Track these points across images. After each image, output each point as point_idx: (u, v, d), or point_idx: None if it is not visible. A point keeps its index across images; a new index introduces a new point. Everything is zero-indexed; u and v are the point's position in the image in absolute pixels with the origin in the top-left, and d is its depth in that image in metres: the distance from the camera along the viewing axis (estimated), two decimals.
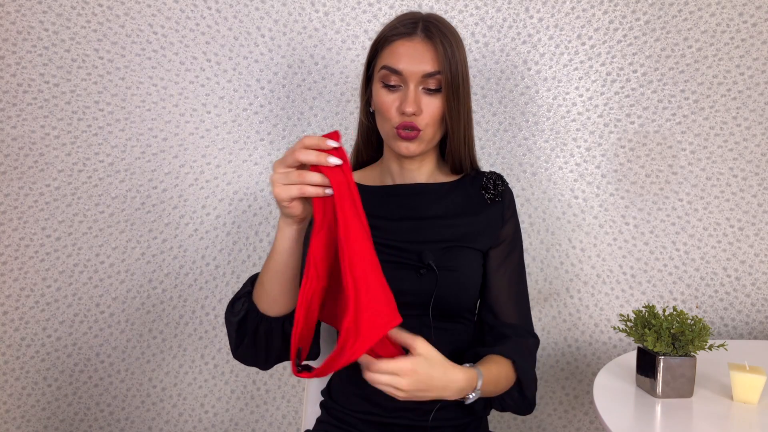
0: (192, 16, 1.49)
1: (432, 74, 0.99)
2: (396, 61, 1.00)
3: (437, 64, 0.99)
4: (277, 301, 0.93)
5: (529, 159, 1.54)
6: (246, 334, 0.96)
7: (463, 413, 1.06)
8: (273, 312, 0.94)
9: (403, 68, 0.99)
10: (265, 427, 1.59)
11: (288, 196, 0.82)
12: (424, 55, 1.00)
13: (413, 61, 0.99)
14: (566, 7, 1.50)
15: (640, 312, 1.10)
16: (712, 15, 1.50)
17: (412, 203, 1.07)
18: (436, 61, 1.00)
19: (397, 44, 1.01)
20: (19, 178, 1.48)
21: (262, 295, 0.94)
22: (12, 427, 1.53)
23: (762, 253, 1.55)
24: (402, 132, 1.01)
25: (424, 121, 1.01)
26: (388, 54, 1.02)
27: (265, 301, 0.94)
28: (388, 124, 1.02)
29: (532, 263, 1.56)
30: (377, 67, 1.04)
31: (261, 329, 0.95)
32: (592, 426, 1.60)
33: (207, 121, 1.51)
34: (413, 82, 1.00)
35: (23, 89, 1.47)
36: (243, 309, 0.95)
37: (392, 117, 1.01)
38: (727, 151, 1.53)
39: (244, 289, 0.98)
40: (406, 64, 0.99)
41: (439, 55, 0.99)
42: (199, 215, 1.53)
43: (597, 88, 1.52)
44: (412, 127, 1.00)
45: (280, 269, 0.90)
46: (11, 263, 1.50)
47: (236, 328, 0.96)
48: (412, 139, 1.01)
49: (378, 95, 1.03)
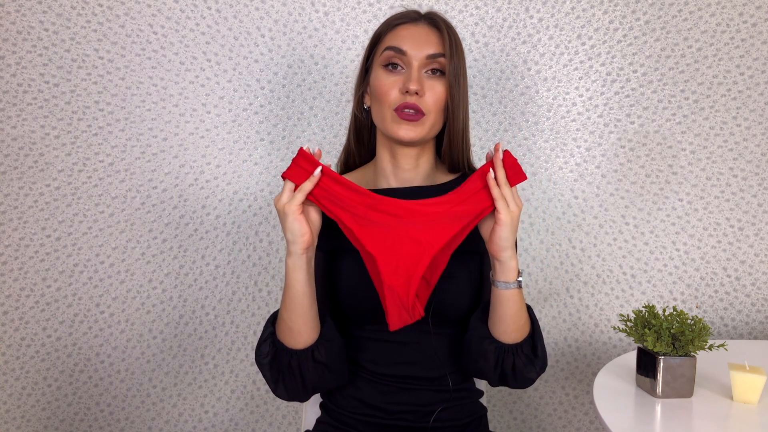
0: (192, 16, 1.49)
1: (436, 56, 0.99)
2: (400, 41, 1.00)
3: (441, 47, 1.00)
4: (301, 333, 0.96)
5: (529, 159, 1.54)
6: (280, 372, 0.99)
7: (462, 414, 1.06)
8: (300, 345, 0.97)
9: (407, 49, 0.99)
10: (265, 427, 1.59)
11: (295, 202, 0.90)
12: (429, 38, 1.00)
13: (418, 43, 0.99)
14: (566, 7, 1.50)
15: (640, 312, 1.10)
16: (712, 15, 1.50)
17: None
18: (440, 44, 1.00)
19: (401, 28, 1.02)
20: (19, 178, 1.49)
21: (286, 332, 0.97)
22: (12, 427, 1.53)
23: (762, 253, 1.55)
24: (403, 113, 0.98)
25: (428, 104, 0.99)
26: (392, 37, 1.01)
27: (290, 337, 0.97)
28: (387, 107, 0.99)
29: (532, 263, 1.56)
30: (379, 51, 1.03)
31: (293, 364, 0.97)
32: (592, 426, 1.60)
33: (207, 121, 1.51)
34: (417, 62, 0.99)
35: (23, 89, 1.47)
36: (271, 350, 0.98)
37: (392, 98, 0.99)
38: (727, 151, 1.53)
39: (266, 331, 1.01)
40: (411, 45, 0.99)
41: (443, 39, 1.00)
42: (199, 215, 1.53)
43: (597, 88, 1.52)
44: (416, 109, 0.98)
45: (299, 302, 0.95)
46: (11, 263, 1.50)
47: (269, 369, 0.99)
48: (414, 121, 0.98)
49: (378, 78, 1.01)
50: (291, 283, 0.94)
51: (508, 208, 0.91)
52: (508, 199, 0.91)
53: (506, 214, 0.91)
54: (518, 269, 0.96)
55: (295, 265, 0.93)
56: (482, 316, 1.01)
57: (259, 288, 1.56)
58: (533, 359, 0.99)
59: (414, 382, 1.03)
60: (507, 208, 0.91)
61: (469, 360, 1.01)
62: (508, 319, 0.96)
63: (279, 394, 1.01)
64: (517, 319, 0.97)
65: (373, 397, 1.04)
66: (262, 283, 1.56)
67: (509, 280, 0.94)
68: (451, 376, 1.04)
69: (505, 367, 0.99)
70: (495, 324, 0.98)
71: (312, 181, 0.91)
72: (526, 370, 0.99)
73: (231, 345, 1.57)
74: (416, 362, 1.03)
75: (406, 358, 1.03)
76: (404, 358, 1.03)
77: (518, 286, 0.95)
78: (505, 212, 0.90)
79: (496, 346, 0.98)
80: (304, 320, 0.96)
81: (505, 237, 0.92)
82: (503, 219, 0.91)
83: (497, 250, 0.93)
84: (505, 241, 0.92)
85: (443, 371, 1.04)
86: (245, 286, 1.56)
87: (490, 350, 0.98)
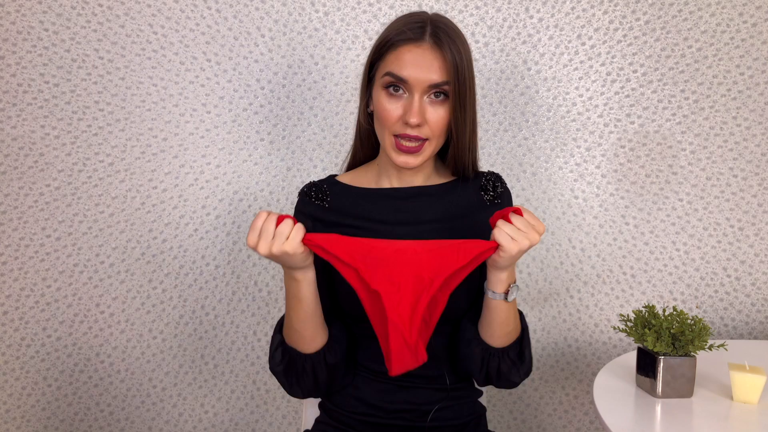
0: (192, 16, 1.49)
1: (439, 84, 0.95)
2: (401, 68, 0.95)
3: (445, 74, 0.94)
4: (314, 339, 0.99)
5: (529, 159, 1.54)
6: (296, 375, 1.02)
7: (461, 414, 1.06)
8: (312, 349, 1.00)
9: (408, 75, 0.94)
10: (265, 427, 1.59)
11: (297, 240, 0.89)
12: (432, 64, 0.94)
13: (420, 69, 0.94)
14: (566, 7, 1.50)
15: (640, 312, 1.10)
16: (712, 15, 1.50)
17: (409, 206, 1.05)
18: (444, 70, 0.95)
19: (404, 50, 0.95)
20: (19, 178, 1.48)
21: (298, 339, 0.99)
22: (12, 427, 1.53)
23: (762, 253, 1.55)
24: (402, 145, 0.97)
25: (430, 130, 0.97)
26: (393, 59, 0.96)
27: (303, 343, 0.99)
28: (387, 132, 0.98)
29: (532, 263, 1.56)
30: (380, 71, 0.98)
31: (307, 367, 1.00)
32: (592, 426, 1.60)
33: (207, 121, 1.51)
34: (418, 91, 0.94)
35: (23, 89, 1.47)
36: (284, 357, 1.01)
37: (393, 125, 0.97)
38: (727, 151, 1.53)
39: (275, 340, 1.04)
40: (412, 72, 0.94)
41: (447, 64, 0.94)
42: (199, 215, 1.53)
43: (597, 88, 1.52)
44: (416, 139, 0.96)
45: (312, 313, 0.97)
46: (11, 263, 1.50)
47: (284, 375, 1.02)
48: (413, 152, 0.97)
49: (379, 101, 0.98)
50: (303, 296, 0.96)
51: (513, 240, 0.89)
52: (509, 232, 0.89)
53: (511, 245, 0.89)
54: (510, 283, 0.96)
55: (309, 279, 0.96)
56: (473, 318, 1.03)
57: (259, 288, 1.56)
58: (518, 364, 1.02)
59: (412, 380, 1.03)
60: (512, 241, 0.89)
61: (457, 359, 1.04)
62: (495, 325, 0.98)
63: (294, 394, 1.04)
64: (504, 326, 0.98)
65: (372, 396, 1.04)
66: (262, 283, 1.56)
67: (497, 291, 0.96)
68: (449, 375, 1.05)
69: (491, 369, 1.01)
70: (483, 327, 1.00)
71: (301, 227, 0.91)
72: (510, 374, 1.01)
73: (231, 345, 1.57)
74: None
75: None
76: None
77: (504, 299, 0.95)
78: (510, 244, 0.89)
79: (482, 348, 1.00)
80: (314, 325, 0.99)
81: (498, 261, 0.92)
82: (506, 247, 0.89)
83: (492, 263, 0.94)
84: (497, 263, 0.92)
85: (441, 370, 1.04)
86: (245, 286, 1.56)
87: (477, 352, 1.00)
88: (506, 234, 0.89)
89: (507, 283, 0.95)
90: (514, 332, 1.01)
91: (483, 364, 1.01)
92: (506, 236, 0.89)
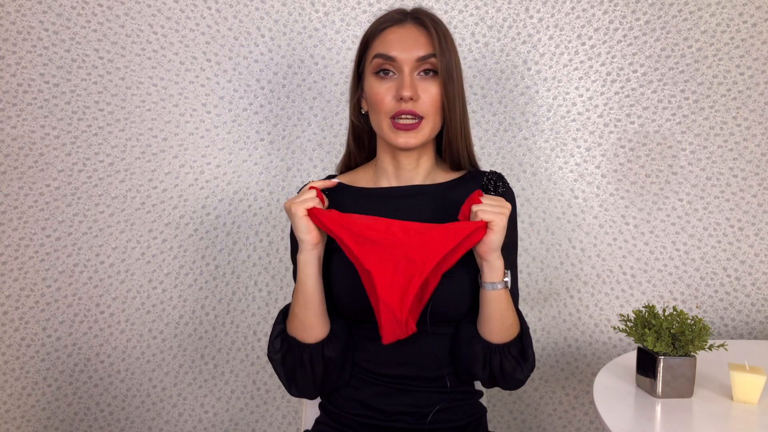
0: (192, 16, 1.49)
1: (426, 57, 0.98)
2: (388, 47, 0.98)
3: (431, 47, 0.98)
4: (314, 328, 1.00)
5: (529, 159, 1.54)
6: (294, 365, 1.02)
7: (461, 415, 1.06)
8: (311, 339, 1.01)
9: (396, 54, 0.98)
10: (265, 427, 1.59)
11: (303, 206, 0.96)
12: (417, 39, 0.98)
13: (406, 46, 0.98)
14: (566, 7, 1.50)
15: (640, 312, 1.10)
16: (712, 15, 1.50)
17: (408, 206, 1.05)
18: (429, 44, 0.98)
19: (388, 32, 1.00)
20: (19, 178, 1.49)
21: (298, 326, 1.01)
22: (12, 427, 1.53)
23: (762, 253, 1.55)
24: (400, 123, 0.98)
25: (424, 106, 0.98)
26: (380, 43, 1.00)
27: (302, 331, 1.01)
28: (383, 115, 1.00)
29: (532, 263, 1.56)
30: (369, 59, 1.02)
31: (305, 358, 1.01)
32: (592, 426, 1.60)
33: (207, 121, 1.51)
34: (408, 66, 0.98)
35: (23, 89, 1.47)
36: (284, 345, 1.02)
37: (387, 106, 0.99)
38: (727, 151, 1.53)
39: (276, 327, 1.05)
40: (399, 50, 0.98)
41: (432, 39, 0.98)
42: (199, 215, 1.53)
43: (597, 88, 1.52)
44: (413, 115, 0.98)
45: (310, 297, 0.99)
46: (11, 263, 1.50)
47: (282, 363, 1.03)
48: (412, 129, 0.99)
49: (371, 87, 1.01)
50: (303, 278, 0.99)
51: (498, 214, 0.93)
52: (490, 209, 0.93)
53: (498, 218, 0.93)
54: (504, 269, 0.97)
55: (307, 261, 0.98)
56: (472, 317, 1.03)
57: (259, 288, 1.56)
58: (521, 361, 1.01)
59: (412, 382, 1.03)
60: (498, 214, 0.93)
61: (459, 359, 1.03)
62: (494, 320, 0.98)
63: (290, 389, 1.05)
64: (504, 319, 0.98)
65: (371, 398, 1.04)
66: (262, 283, 1.56)
67: (495, 281, 0.96)
68: (449, 376, 1.04)
69: (493, 367, 1.00)
70: (482, 324, 1.00)
71: (323, 185, 1.01)
72: (515, 372, 1.01)
73: (231, 345, 1.57)
74: (414, 362, 1.03)
75: (404, 358, 1.03)
76: (402, 358, 1.03)
77: (505, 287, 0.97)
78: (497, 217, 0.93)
79: (483, 345, 1.00)
80: (315, 314, 1.00)
81: (493, 239, 0.94)
82: (495, 221, 0.93)
83: (485, 251, 0.95)
84: (493, 243, 0.94)
85: (441, 371, 1.04)
86: (245, 286, 1.56)
87: (478, 349, 1.00)
88: (489, 210, 0.93)
89: (502, 269, 0.97)
90: (514, 326, 1.00)
91: (485, 362, 1.00)
92: (490, 212, 0.92)
